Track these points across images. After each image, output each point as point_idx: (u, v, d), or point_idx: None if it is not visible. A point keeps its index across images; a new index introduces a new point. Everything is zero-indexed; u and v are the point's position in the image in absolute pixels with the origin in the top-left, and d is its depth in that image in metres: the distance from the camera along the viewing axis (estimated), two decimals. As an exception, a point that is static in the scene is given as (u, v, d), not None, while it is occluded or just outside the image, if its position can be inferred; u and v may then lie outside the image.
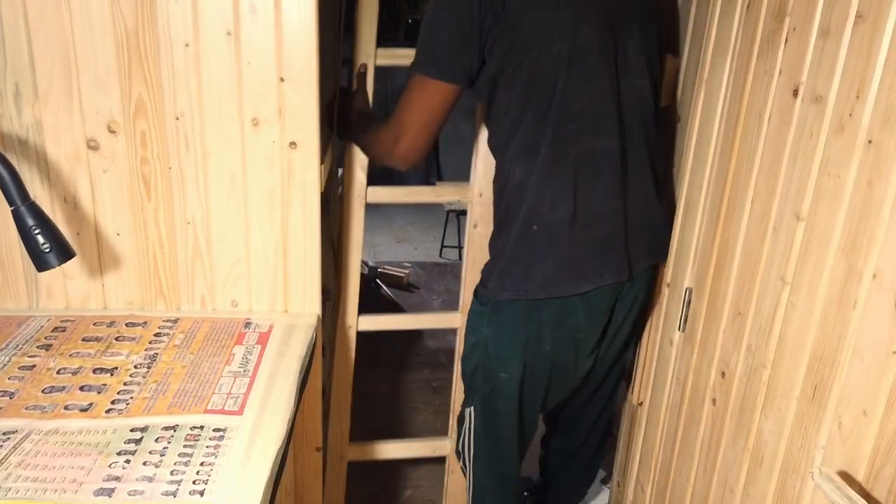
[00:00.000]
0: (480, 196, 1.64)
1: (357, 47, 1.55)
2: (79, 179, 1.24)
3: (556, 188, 1.24)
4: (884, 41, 0.76)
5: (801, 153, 0.91)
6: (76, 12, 1.15)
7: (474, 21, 1.21)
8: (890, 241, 0.75)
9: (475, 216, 1.65)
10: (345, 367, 1.77)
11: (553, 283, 1.27)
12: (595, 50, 1.21)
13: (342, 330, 1.72)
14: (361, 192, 1.65)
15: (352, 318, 1.71)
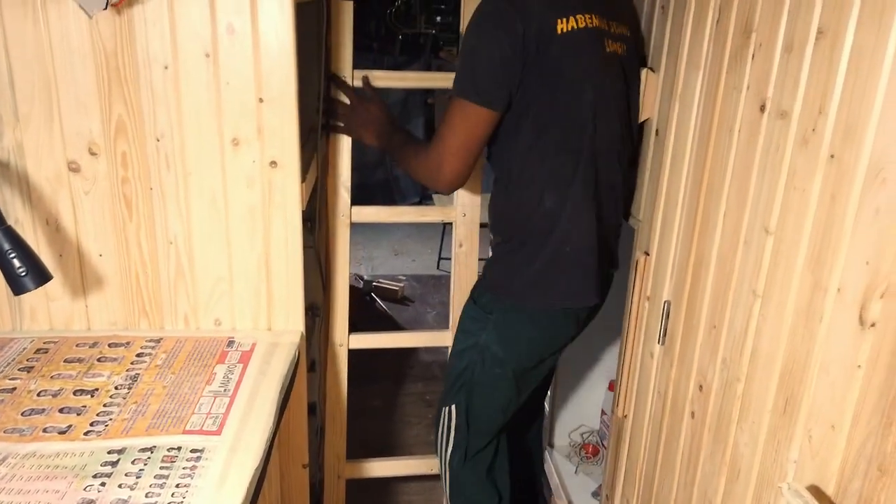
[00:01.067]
0: (464, 216, 1.65)
1: (335, 67, 1.57)
2: (60, 201, 1.25)
3: (587, 219, 1.37)
4: (843, 57, 0.77)
5: (769, 167, 0.91)
6: (55, 37, 1.17)
7: (517, 52, 1.25)
8: (852, 256, 0.75)
9: (460, 236, 1.66)
10: (337, 386, 1.77)
11: (579, 294, 1.41)
12: (613, 97, 1.34)
13: (333, 348, 1.73)
14: (346, 212, 1.67)
15: (342, 337, 1.71)
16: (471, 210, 1.65)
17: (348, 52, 1.59)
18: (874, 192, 0.71)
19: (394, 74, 1.73)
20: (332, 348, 1.72)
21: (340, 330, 1.72)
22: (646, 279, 1.36)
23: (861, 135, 0.73)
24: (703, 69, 1.12)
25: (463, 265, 1.69)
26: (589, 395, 2.22)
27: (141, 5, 1.16)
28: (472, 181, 1.65)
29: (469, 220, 1.65)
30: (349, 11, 1.58)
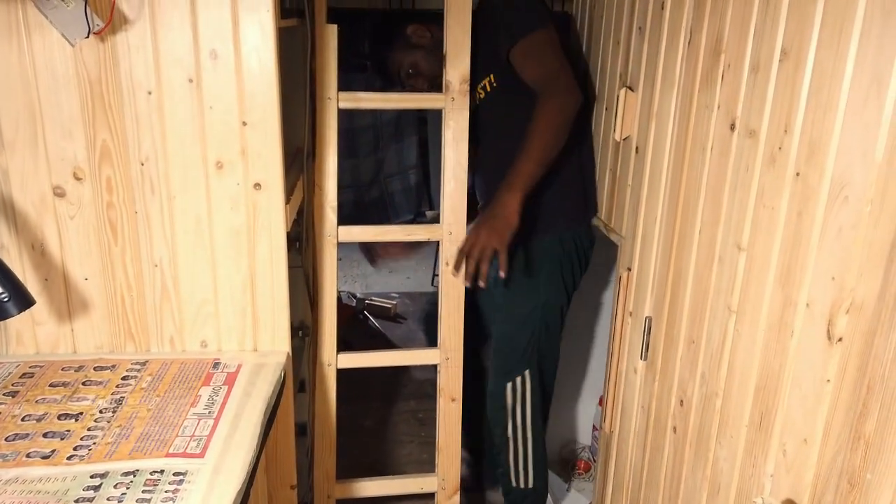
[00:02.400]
0: (451, 235, 1.66)
1: (319, 89, 1.59)
2: (46, 226, 1.26)
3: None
4: (805, 78, 0.79)
5: (740, 185, 0.93)
6: (40, 65, 1.18)
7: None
8: (819, 272, 0.76)
9: (446, 254, 1.67)
10: (326, 405, 1.77)
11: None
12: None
13: (321, 368, 1.73)
14: (332, 232, 1.68)
15: (330, 357, 1.71)
16: (456, 229, 1.66)
17: (333, 74, 1.61)
18: (837, 211, 0.73)
19: (379, 96, 1.74)
20: (321, 368, 1.72)
21: (329, 349, 1.72)
22: (628, 295, 1.37)
23: (824, 154, 0.75)
24: (677, 88, 1.14)
25: (450, 283, 1.69)
26: (580, 411, 2.22)
27: (124, 32, 1.18)
28: (460, 200, 1.67)
29: (455, 239, 1.66)
30: (334, 34, 1.60)
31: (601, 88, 1.61)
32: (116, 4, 1.15)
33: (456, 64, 1.61)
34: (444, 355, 1.73)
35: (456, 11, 1.57)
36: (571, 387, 2.21)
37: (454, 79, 1.62)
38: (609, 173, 1.55)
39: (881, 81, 0.66)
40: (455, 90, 1.63)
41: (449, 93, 1.63)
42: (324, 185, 1.67)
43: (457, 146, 1.66)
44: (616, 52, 1.49)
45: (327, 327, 1.71)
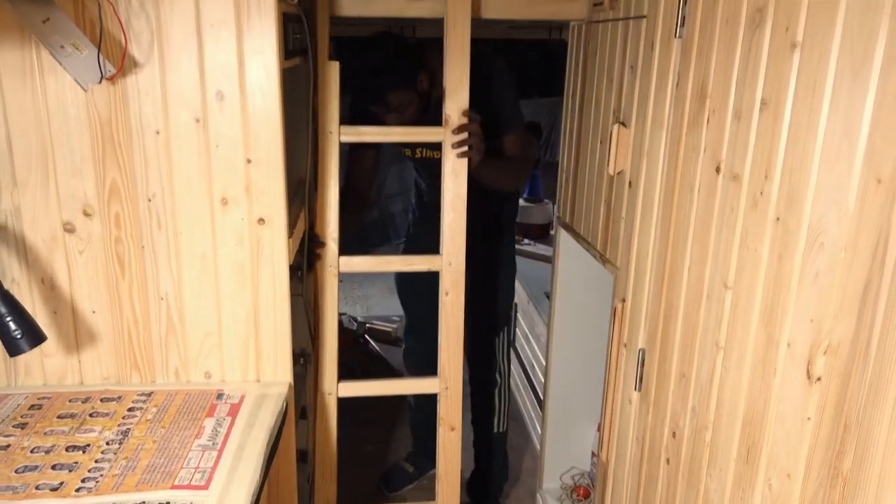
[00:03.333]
0: (450, 265, 1.69)
1: (321, 123, 1.63)
2: (56, 261, 1.30)
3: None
4: (784, 128, 0.83)
5: (725, 226, 0.97)
6: (52, 106, 1.23)
7: None
8: (799, 314, 0.80)
9: (446, 284, 1.70)
10: (327, 433, 1.79)
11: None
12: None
13: (322, 397, 1.76)
14: (334, 263, 1.71)
15: (331, 386, 1.74)
16: (456, 259, 1.70)
17: (335, 109, 1.66)
18: (814, 256, 0.76)
19: (380, 130, 1.79)
20: (322, 397, 1.75)
21: (329, 379, 1.75)
22: (622, 326, 1.40)
23: (801, 201, 0.79)
24: (666, 129, 1.18)
25: (450, 313, 1.72)
26: (579, 437, 2.24)
27: (134, 75, 1.23)
28: (459, 231, 1.71)
29: (454, 270, 1.70)
30: (335, 71, 1.65)
31: (595, 122, 1.65)
32: (128, 50, 1.19)
33: (455, 98, 1.66)
34: (444, 384, 1.76)
35: (456, 48, 1.62)
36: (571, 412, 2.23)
37: (453, 112, 1.67)
38: (604, 205, 1.59)
39: (851, 136, 0.70)
40: (454, 123, 1.67)
41: (448, 126, 1.68)
42: (325, 216, 1.71)
43: (456, 178, 1.70)
44: (609, 89, 1.53)
45: (328, 357, 1.75)
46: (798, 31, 0.80)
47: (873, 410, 0.67)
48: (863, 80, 0.69)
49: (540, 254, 3.32)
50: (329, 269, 1.70)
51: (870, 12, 0.68)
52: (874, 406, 0.66)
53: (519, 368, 3.01)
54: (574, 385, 2.15)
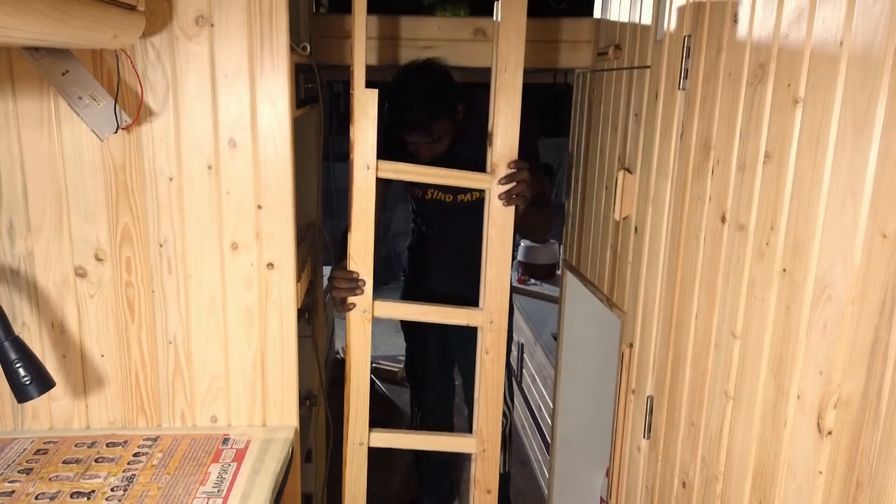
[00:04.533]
0: (491, 323, 1.58)
1: (355, 156, 1.50)
2: (66, 305, 1.31)
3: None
4: (788, 180, 0.84)
5: (732, 275, 0.97)
6: (68, 153, 1.26)
7: None
8: (808, 365, 0.80)
9: (487, 343, 1.58)
10: (357, 486, 1.69)
11: None
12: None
13: (352, 448, 1.65)
14: (367, 307, 1.57)
15: (362, 436, 1.64)
16: (498, 318, 1.58)
17: (372, 141, 1.49)
18: (821, 308, 0.77)
19: (421, 169, 1.63)
20: (352, 448, 1.65)
21: (361, 429, 1.64)
22: (630, 371, 1.39)
23: (807, 254, 0.79)
24: (671, 177, 1.19)
25: (490, 373, 1.61)
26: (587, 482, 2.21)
27: (149, 124, 1.25)
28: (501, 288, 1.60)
29: (496, 328, 1.58)
30: (373, 100, 1.47)
31: (600, 167, 1.67)
32: (144, 100, 1.22)
33: (503, 146, 1.54)
34: (481, 446, 1.65)
35: (506, 92, 1.49)
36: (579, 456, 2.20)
37: (500, 161, 1.54)
38: (610, 250, 1.60)
39: (855, 191, 0.71)
40: (501, 173, 1.54)
41: (495, 175, 1.54)
42: (359, 258, 1.55)
43: (500, 229, 1.57)
44: (615, 136, 1.55)
45: (360, 406, 1.64)
46: (800, 87, 0.81)
47: (885, 468, 0.66)
48: (865, 136, 0.70)
49: (546, 294, 3.31)
50: (363, 315, 1.58)
51: (870, 71, 0.70)
52: (886, 464, 0.66)
53: (526, 411, 2.98)
54: (582, 428, 2.12)
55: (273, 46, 1.25)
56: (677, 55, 1.16)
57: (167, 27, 1.22)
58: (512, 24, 1.46)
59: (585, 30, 1.75)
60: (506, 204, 1.56)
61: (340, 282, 1.56)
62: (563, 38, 1.76)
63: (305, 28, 1.71)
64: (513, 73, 1.47)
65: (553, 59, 1.79)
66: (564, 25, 1.77)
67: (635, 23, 1.44)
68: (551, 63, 1.80)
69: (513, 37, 1.46)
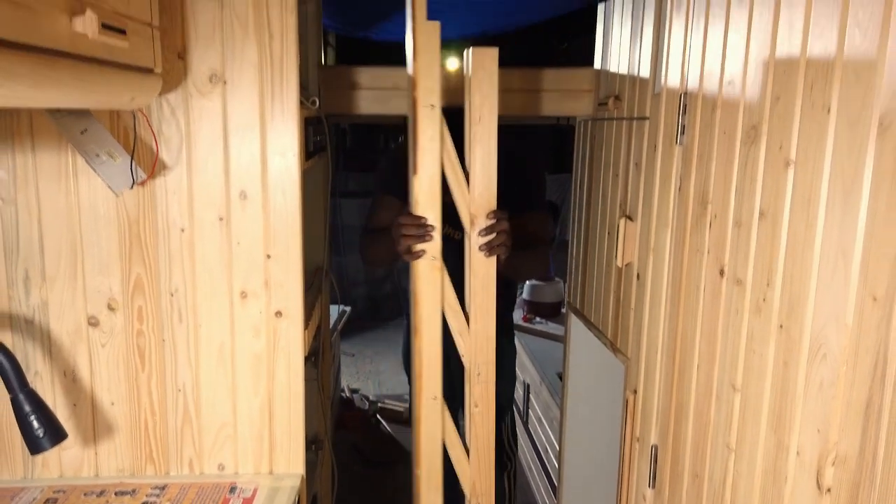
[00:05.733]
0: (479, 375, 1.55)
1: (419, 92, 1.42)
2: (78, 354, 1.34)
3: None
4: (782, 238, 0.86)
5: (731, 328, 0.99)
6: (84, 206, 1.29)
7: None
8: (806, 422, 0.81)
9: (476, 395, 1.55)
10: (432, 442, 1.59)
11: None
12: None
13: (427, 402, 1.56)
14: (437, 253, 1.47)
15: (436, 390, 1.54)
16: (485, 369, 1.56)
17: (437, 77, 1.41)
18: (817, 366, 0.78)
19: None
20: (426, 402, 1.55)
21: (434, 383, 1.53)
22: (634, 419, 1.40)
23: (802, 312, 0.81)
24: (671, 228, 1.22)
25: (479, 426, 1.57)
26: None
27: (163, 178, 1.29)
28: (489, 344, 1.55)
29: (484, 380, 1.55)
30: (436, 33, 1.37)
31: (602, 213, 1.70)
32: (159, 156, 1.27)
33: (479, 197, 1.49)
34: (476, 500, 1.61)
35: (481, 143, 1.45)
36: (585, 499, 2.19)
37: (479, 213, 1.50)
38: (613, 295, 1.62)
39: (846, 253, 0.74)
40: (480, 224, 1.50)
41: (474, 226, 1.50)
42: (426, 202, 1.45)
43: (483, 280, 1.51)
44: (616, 183, 1.59)
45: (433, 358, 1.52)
46: (791, 149, 0.84)
47: (883, 528, 0.67)
48: (854, 200, 0.73)
49: (552, 333, 3.32)
50: (433, 262, 1.48)
51: (856, 137, 0.73)
52: (883, 524, 0.67)
53: (533, 452, 2.96)
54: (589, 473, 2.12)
55: (283, 101, 1.29)
56: (674, 110, 1.20)
57: (182, 85, 1.26)
58: (484, 77, 1.41)
59: (586, 79, 1.80)
60: (487, 255, 1.50)
61: (409, 228, 1.47)
62: (565, 87, 1.81)
63: (314, 80, 1.76)
64: (487, 123, 1.44)
65: (555, 108, 1.84)
66: (565, 75, 1.82)
67: (634, 75, 1.49)
68: (553, 111, 1.84)
69: (485, 87, 1.42)
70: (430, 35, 1.38)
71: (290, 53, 1.26)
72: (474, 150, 1.46)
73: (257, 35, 1.25)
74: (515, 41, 5.98)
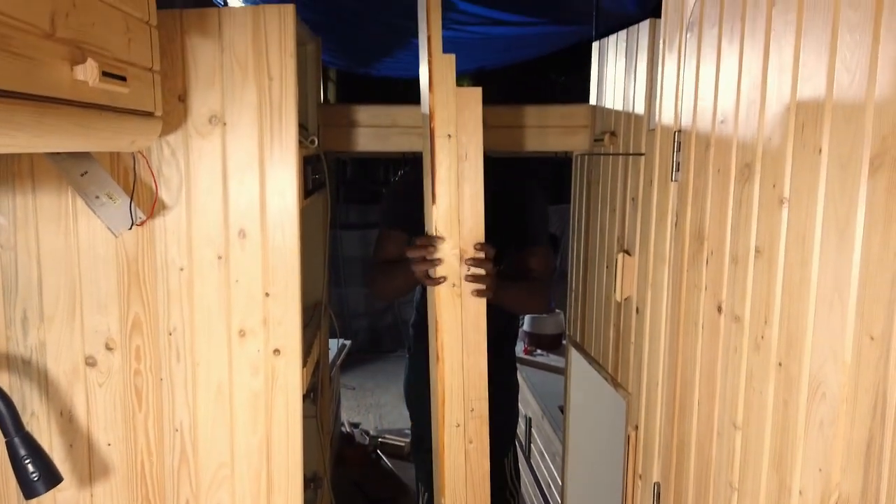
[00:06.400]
0: (472, 412, 1.52)
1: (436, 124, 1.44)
2: (75, 394, 1.33)
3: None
4: (778, 276, 0.86)
5: (730, 365, 0.99)
6: (83, 246, 1.30)
7: None
8: (808, 462, 0.80)
9: (470, 432, 1.53)
10: (457, 470, 1.54)
11: None
12: None
13: (450, 429, 1.53)
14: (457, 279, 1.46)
15: (459, 417, 1.53)
16: (478, 405, 1.53)
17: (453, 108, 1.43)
18: (817, 405, 0.78)
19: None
20: (449, 430, 1.53)
21: (457, 410, 1.52)
22: (637, 455, 1.39)
23: (801, 350, 0.81)
24: (668, 263, 1.22)
25: (475, 463, 1.54)
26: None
27: (162, 217, 1.30)
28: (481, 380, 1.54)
29: (477, 416, 1.53)
30: (452, 65, 1.40)
31: (601, 247, 1.71)
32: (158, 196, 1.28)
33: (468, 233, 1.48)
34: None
35: (469, 181, 1.46)
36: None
37: (467, 248, 1.47)
38: (612, 329, 1.61)
39: (842, 292, 0.74)
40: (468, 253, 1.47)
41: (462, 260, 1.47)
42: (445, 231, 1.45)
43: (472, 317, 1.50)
44: (613, 217, 1.60)
45: (455, 386, 1.51)
46: (784, 188, 0.85)
47: (888, 573, 0.66)
48: (848, 240, 0.73)
49: (553, 365, 3.30)
50: (453, 289, 1.47)
51: (848, 178, 0.73)
52: (888, 569, 0.66)
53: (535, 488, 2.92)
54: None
55: (282, 142, 1.30)
56: (669, 147, 1.21)
57: (182, 126, 1.28)
58: (469, 116, 1.43)
59: (582, 116, 1.82)
60: (473, 293, 1.49)
61: (429, 250, 1.46)
62: (562, 123, 1.83)
63: (314, 118, 1.78)
64: (473, 161, 1.45)
65: (552, 143, 1.85)
66: (562, 112, 1.84)
67: (629, 112, 1.51)
68: (551, 147, 1.86)
69: (470, 127, 1.44)
70: (447, 68, 1.41)
71: (289, 95, 1.28)
72: (463, 188, 1.47)
73: (257, 78, 1.26)
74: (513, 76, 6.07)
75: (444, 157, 1.45)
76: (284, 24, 1.25)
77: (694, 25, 1.12)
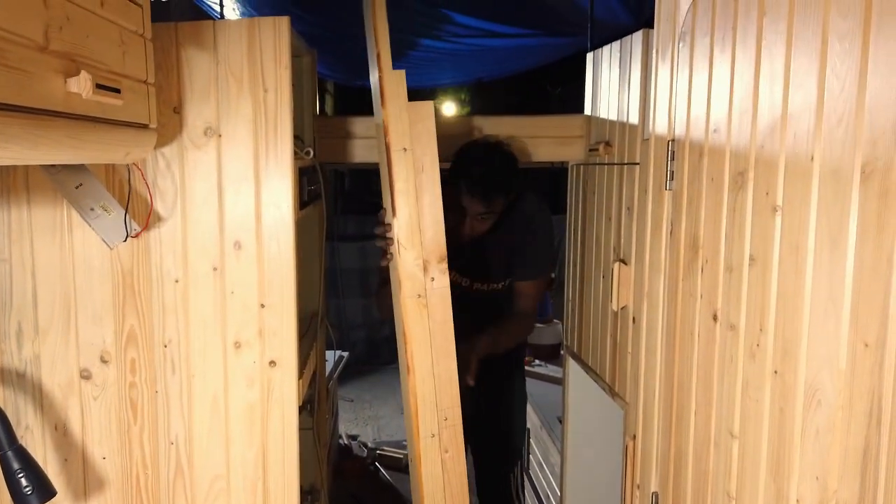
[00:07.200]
0: (446, 420, 1.52)
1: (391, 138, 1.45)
2: (70, 407, 1.32)
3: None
4: (773, 283, 0.86)
5: (726, 374, 0.98)
6: (78, 258, 1.30)
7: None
8: (805, 470, 0.80)
9: (445, 440, 1.51)
10: (434, 481, 1.54)
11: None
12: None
13: (425, 441, 1.52)
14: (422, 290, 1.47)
15: (433, 428, 1.52)
16: (452, 412, 1.52)
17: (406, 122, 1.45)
18: (812, 413, 0.78)
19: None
20: (424, 441, 1.52)
21: (430, 420, 1.51)
22: (635, 465, 1.38)
23: (796, 357, 0.81)
24: (664, 273, 1.22)
25: (451, 472, 1.53)
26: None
27: (157, 229, 1.30)
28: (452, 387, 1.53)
29: (451, 424, 1.52)
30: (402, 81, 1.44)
31: (597, 257, 1.71)
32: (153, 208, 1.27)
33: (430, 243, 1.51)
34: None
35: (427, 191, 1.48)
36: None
37: (431, 258, 1.50)
38: (609, 339, 1.61)
39: (836, 300, 0.74)
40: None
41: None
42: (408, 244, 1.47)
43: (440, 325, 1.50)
44: (609, 226, 1.60)
45: (427, 396, 1.51)
46: (777, 196, 0.85)
47: (886, 581, 0.65)
48: (841, 247, 0.73)
49: (551, 375, 3.29)
50: (419, 300, 1.48)
51: (840, 185, 0.73)
52: (886, 577, 0.65)
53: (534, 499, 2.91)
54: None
55: (277, 153, 1.31)
56: (663, 156, 1.21)
57: (177, 138, 1.28)
58: (423, 129, 1.46)
59: (577, 126, 1.82)
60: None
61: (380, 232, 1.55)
62: (557, 133, 1.84)
63: (310, 130, 1.78)
64: (430, 172, 1.48)
65: (548, 154, 1.86)
66: (557, 122, 1.85)
67: (623, 121, 1.51)
68: (547, 157, 1.87)
69: (424, 139, 1.46)
70: (398, 83, 1.45)
71: (285, 107, 1.28)
72: (422, 199, 1.50)
73: (252, 90, 1.27)
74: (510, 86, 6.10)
75: (402, 170, 1.48)
76: (279, 36, 1.26)
77: (686, 35, 1.12)
